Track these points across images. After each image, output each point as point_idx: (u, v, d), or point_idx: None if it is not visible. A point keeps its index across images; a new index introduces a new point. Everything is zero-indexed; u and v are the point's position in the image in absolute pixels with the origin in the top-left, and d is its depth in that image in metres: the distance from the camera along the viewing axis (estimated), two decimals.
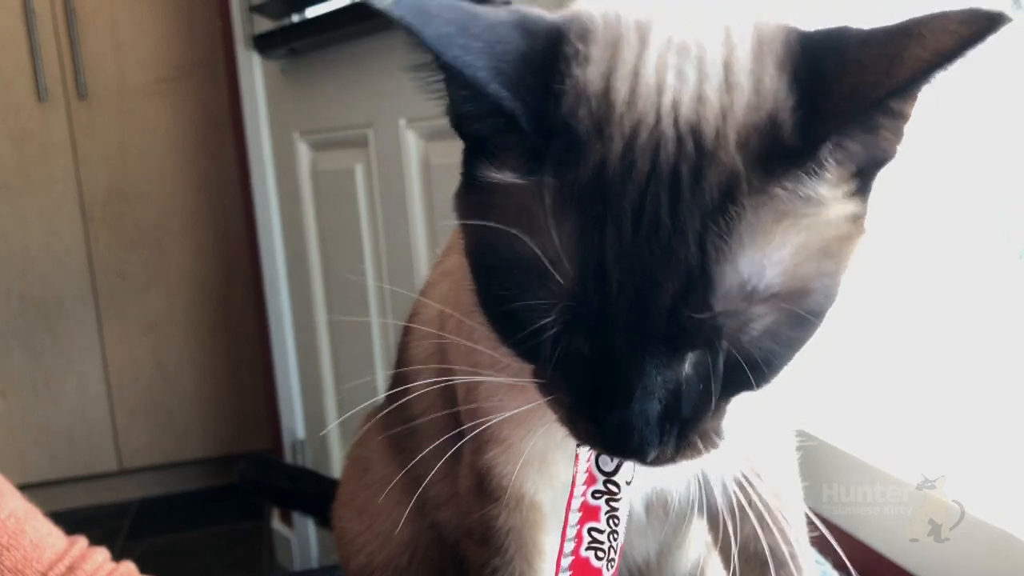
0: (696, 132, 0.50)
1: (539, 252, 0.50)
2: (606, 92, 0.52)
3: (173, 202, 3.12)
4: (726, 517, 0.74)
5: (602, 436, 0.53)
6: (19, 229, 3.03)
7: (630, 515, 0.74)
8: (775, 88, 0.51)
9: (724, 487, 0.74)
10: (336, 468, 2.26)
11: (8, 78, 2.94)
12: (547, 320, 0.51)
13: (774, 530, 0.75)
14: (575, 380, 0.54)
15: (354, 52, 1.93)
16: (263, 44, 2.26)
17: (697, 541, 0.83)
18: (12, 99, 2.96)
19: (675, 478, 0.74)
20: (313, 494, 1.29)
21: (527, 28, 0.52)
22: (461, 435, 0.71)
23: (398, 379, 0.90)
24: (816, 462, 0.83)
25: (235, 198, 2.91)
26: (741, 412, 0.68)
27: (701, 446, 0.54)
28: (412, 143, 1.80)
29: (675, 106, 0.51)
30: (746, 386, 0.53)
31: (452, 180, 0.59)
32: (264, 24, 2.25)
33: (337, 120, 2.06)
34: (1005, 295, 0.99)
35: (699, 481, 0.74)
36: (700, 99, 0.51)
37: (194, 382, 3.21)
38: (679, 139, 0.50)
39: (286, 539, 2.63)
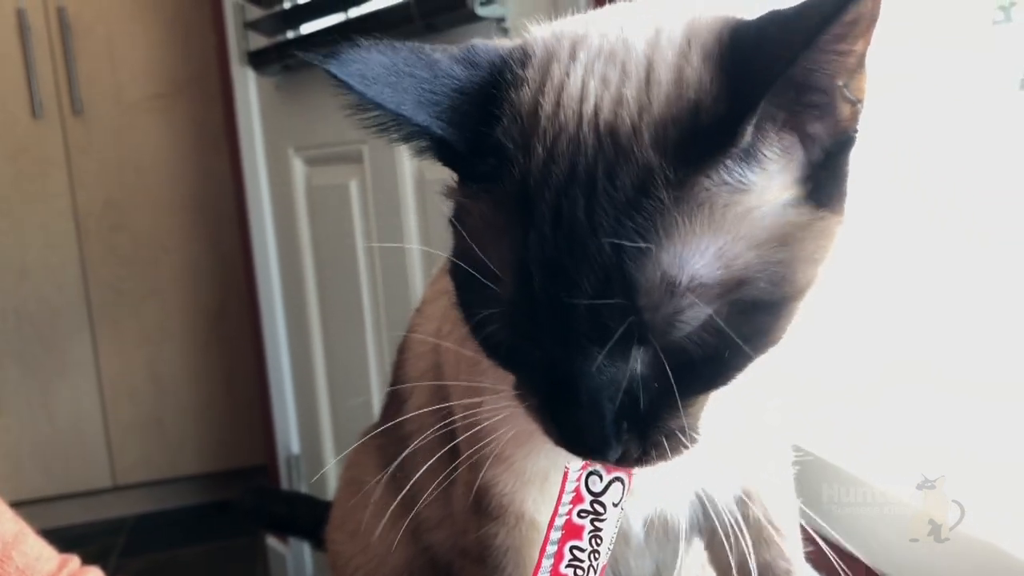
0: (613, 133, 0.51)
1: (486, 262, 0.52)
2: (534, 108, 0.54)
3: (168, 217, 3.12)
4: (724, 535, 0.74)
5: (564, 437, 0.54)
6: (14, 244, 3.02)
7: (629, 536, 0.74)
8: (697, 79, 0.51)
9: (722, 505, 0.74)
10: (331, 484, 2.26)
11: (3, 94, 2.94)
12: (497, 328, 0.53)
13: (771, 547, 0.75)
14: (536, 384, 0.55)
15: None
16: (258, 60, 2.26)
17: (695, 560, 0.83)
18: (7, 115, 2.96)
19: (674, 498, 0.73)
20: (309, 519, 1.29)
21: (471, 61, 0.56)
22: (456, 454, 0.71)
23: (393, 397, 0.90)
24: (812, 478, 0.83)
25: (230, 213, 2.90)
26: (737, 428, 0.69)
27: (667, 446, 0.54)
28: (407, 159, 1.80)
29: (596, 111, 0.52)
30: (704, 384, 0.53)
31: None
32: (259, 40, 2.26)
33: (331, 136, 2.07)
34: (1005, 300, 0.99)
35: (699, 500, 0.74)
36: (619, 100, 0.52)
37: (189, 397, 3.20)
38: (598, 141, 0.51)
39: (281, 556, 2.61)
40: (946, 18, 1.01)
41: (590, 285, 0.49)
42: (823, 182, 0.53)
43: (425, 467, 0.71)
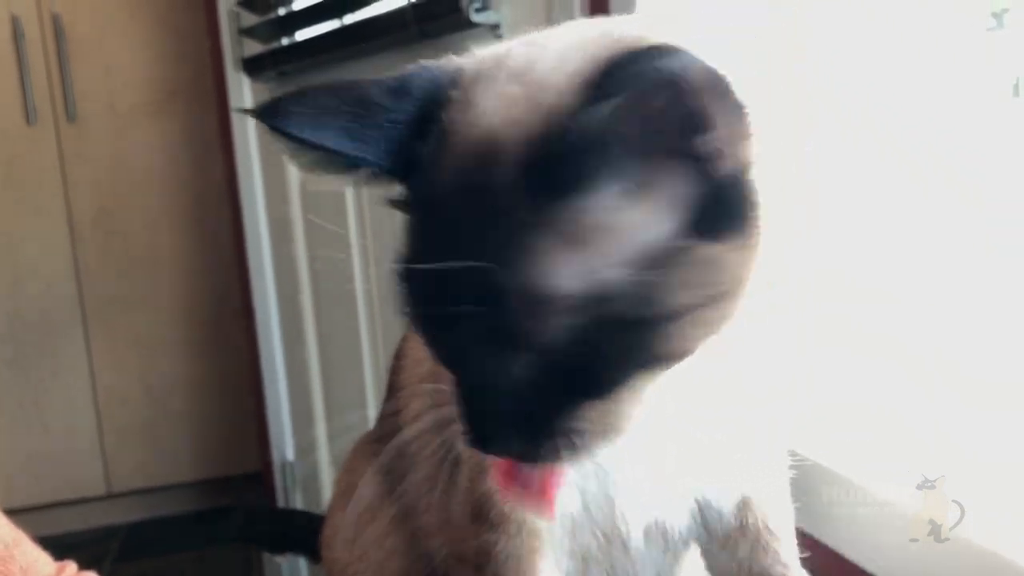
0: (492, 152, 0.52)
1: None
2: (450, 127, 0.56)
3: (162, 224, 3.11)
4: (722, 542, 0.75)
5: (463, 429, 0.57)
6: (8, 251, 3.01)
7: (628, 544, 0.74)
8: (570, 103, 0.51)
9: (720, 512, 0.74)
10: (326, 491, 2.25)
11: None
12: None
13: (768, 553, 0.75)
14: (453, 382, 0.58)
15: (343, 75, 1.93)
16: (252, 67, 2.26)
17: (692, 566, 0.83)
18: (1, 122, 2.95)
19: (672, 505, 0.74)
20: (305, 533, 1.29)
21: (404, 90, 0.58)
22: (454, 462, 0.71)
23: (390, 403, 0.90)
24: (808, 483, 0.83)
25: (225, 220, 2.90)
26: (734, 435, 0.69)
27: (561, 447, 0.56)
28: None
29: (489, 130, 0.54)
30: (585, 391, 0.54)
31: None
32: (253, 47, 2.26)
33: None
34: (1003, 305, 0.99)
35: (698, 507, 0.74)
36: (508, 120, 0.54)
37: (183, 404, 3.19)
38: (481, 160, 0.53)
39: (276, 564, 2.61)
40: (939, 24, 1.02)
41: (459, 298, 0.51)
42: (706, 212, 0.53)
43: (422, 474, 0.71)
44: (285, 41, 2.17)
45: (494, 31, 1.40)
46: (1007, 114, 1.02)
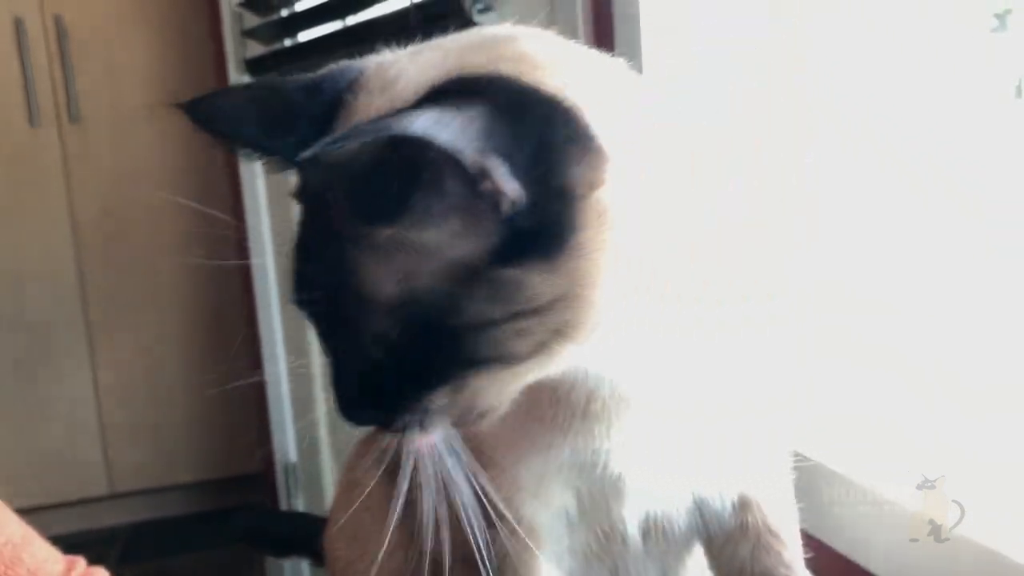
0: (338, 161, 0.55)
1: None
2: (335, 130, 0.59)
3: (165, 225, 3.11)
4: (722, 541, 0.75)
5: (333, 398, 0.62)
6: (10, 253, 3.01)
7: (626, 538, 0.74)
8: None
9: (720, 511, 0.74)
10: (328, 492, 2.25)
11: (0, 102, 2.94)
12: None
13: (770, 554, 0.75)
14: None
15: None
16: (255, 68, 2.26)
17: (694, 565, 0.83)
18: (4, 123, 2.95)
19: (669, 501, 0.74)
20: (308, 536, 1.28)
21: (317, 89, 0.62)
22: (454, 459, 0.71)
23: None
24: (811, 483, 0.83)
25: (227, 221, 2.90)
26: (729, 433, 0.69)
27: (409, 422, 0.60)
28: None
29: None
30: (427, 379, 0.58)
31: None
32: (256, 48, 2.26)
33: None
34: (1002, 309, 0.99)
35: (696, 505, 0.74)
36: None
37: (186, 405, 3.19)
38: (330, 168, 0.56)
39: (279, 565, 2.61)
40: (942, 26, 1.02)
41: (310, 292, 0.58)
42: (513, 239, 0.55)
43: (423, 472, 0.71)
44: (288, 42, 2.18)
45: None
46: (1010, 116, 1.02)
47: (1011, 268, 0.98)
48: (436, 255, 0.55)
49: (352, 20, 1.90)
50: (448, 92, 0.54)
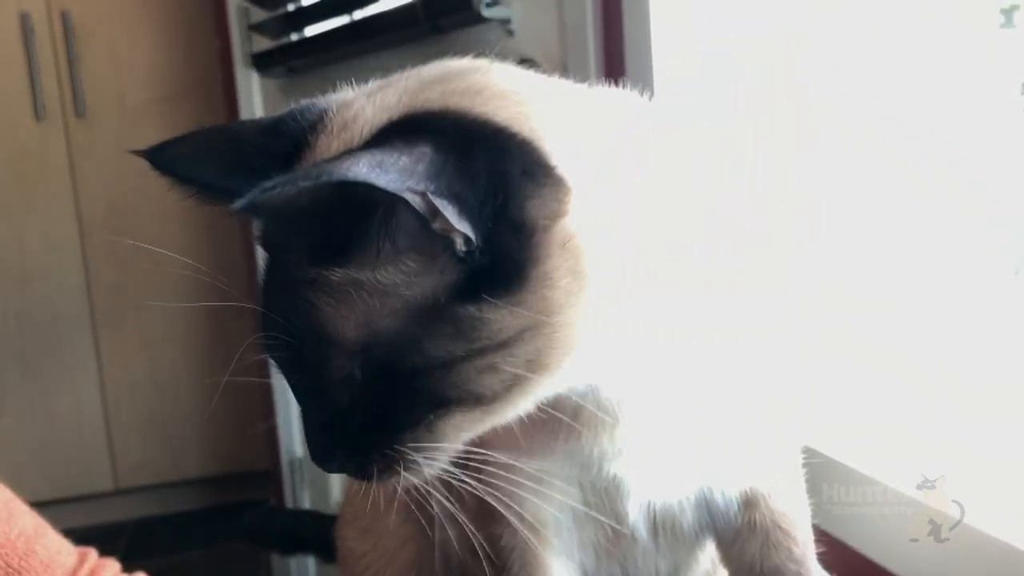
0: (297, 211, 0.55)
1: None
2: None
3: (171, 220, 3.11)
4: (732, 537, 0.74)
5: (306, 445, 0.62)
6: (16, 248, 3.02)
7: (635, 538, 0.74)
8: None
9: (726, 508, 0.74)
10: (335, 488, 2.25)
11: (6, 96, 2.95)
12: None
13: (779, 550, 0.75)
14: None
15: (352, 71, 1.92)
16: (262, 63, 2.26)
17: (706, 561, 0.83)
18: (10, 118, 2.96)
19: (675, 496, 0.74)
20: (314, 534, 1.29)
21: (276, 130, 0.62)
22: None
23: None
24: (822, 479, 0.83)
25: (233, 217, 2.90)
26: (734, 431, 0.69)
27: (381, 468, 0.60)
28: None
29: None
30: (393, 423, 0.58)
31: None
32: (263, 43, 2.26)
33: None
34: (1001, 311, 0.99)
35: (704, 500, 0.74)
36: None
37: (191, 400, 3.20)
38: (288, 217, 0.57)
39: (285, 562, 2.61)
40: (949, 22, 1.01)
41: (274, 336, 0.58)
42: (472, 275, 0.55)
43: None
44: (294, 37, 2.17)
45: (505, 26, 1.40)
46: (1016, 113, 1.01)
47: (1014, 268, 0.98)
48: (394, 294, 0.55)
49: (359, 14, 1.90)
50: (400, 131, 0.54)
